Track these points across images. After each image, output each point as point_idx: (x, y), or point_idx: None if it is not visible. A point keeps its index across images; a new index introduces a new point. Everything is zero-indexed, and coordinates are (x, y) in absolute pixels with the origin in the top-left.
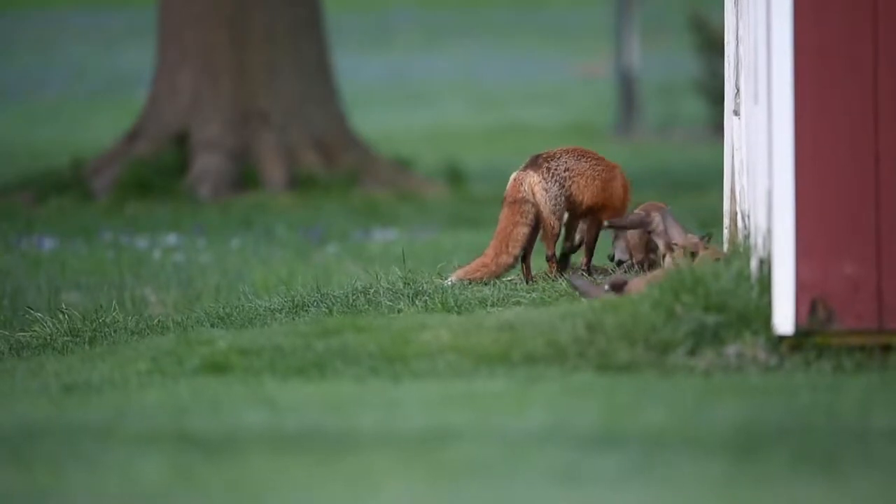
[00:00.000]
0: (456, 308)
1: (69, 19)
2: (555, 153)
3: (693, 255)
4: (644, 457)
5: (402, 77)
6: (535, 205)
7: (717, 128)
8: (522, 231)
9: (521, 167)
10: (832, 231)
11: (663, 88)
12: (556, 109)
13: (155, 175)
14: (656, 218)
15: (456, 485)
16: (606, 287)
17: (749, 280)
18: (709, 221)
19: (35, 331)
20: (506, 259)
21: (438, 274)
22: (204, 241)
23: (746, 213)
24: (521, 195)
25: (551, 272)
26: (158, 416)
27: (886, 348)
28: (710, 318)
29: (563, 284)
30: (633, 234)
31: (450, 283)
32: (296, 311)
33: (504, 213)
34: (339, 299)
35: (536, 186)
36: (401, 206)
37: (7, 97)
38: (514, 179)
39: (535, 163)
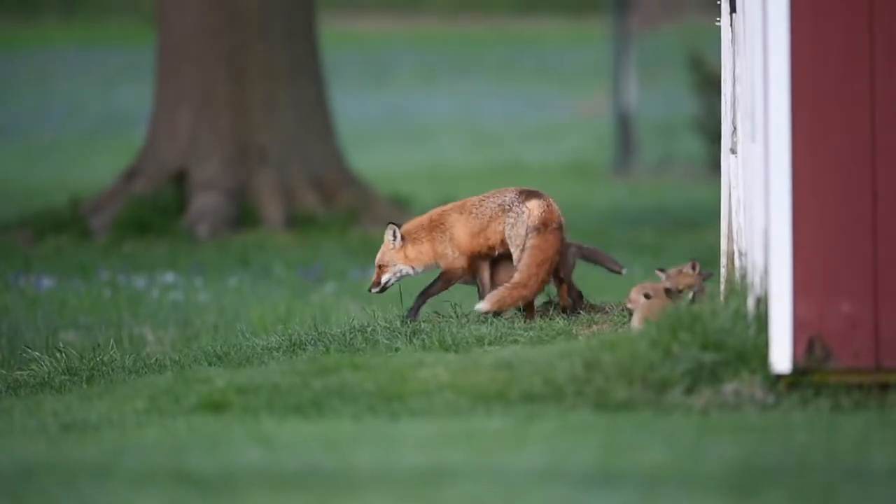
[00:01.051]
0: (453, 346)
1: (67, 58)
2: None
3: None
4: (642, 495)
5: (400, 115)
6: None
7: (715, 166)
8: (556, 259)
9: (534, 196)
10: (829, 269)
11: (661, 127)
12: (554, 148)
13: (153, 214)
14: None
15: None
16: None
17: (746, 318)
18: (706, 260)
19: (33, 370)
20: (540, 288)
21: (437, 312)
22: (202, 279)
23: (743, 251)
24: (561, 222)
25: (566, 301)
26: (156, 455)
27: (884, 386)
28: (708, 357)
29: (561, 322)
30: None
31: (483, 310)
32: (293, 350)
33: (548, 241)
34: (336, 338)
35: (561, 215)
36: None
37: (5, 135)
38: (549, 206)
39: (540, 194)
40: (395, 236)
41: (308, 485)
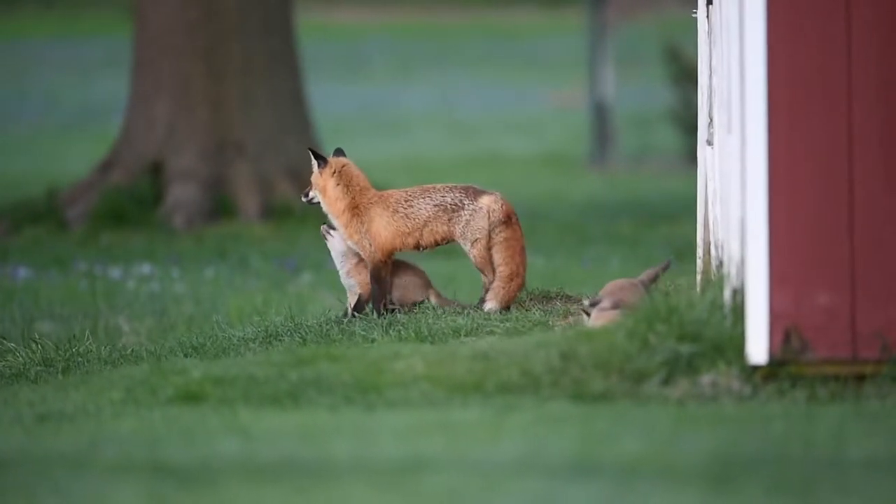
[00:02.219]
0: (429, 337)
1: (44, 49)
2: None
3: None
4: (619, 486)
5: (377, 107)
6: None
7: (691, 158)
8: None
9: (484, 192)
10: (806, 260)
11: (637, 119)
12: (531, 139)
13: (129, 205)
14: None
15: None
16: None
17: (723, 309)
18: (683, 251)
19: (8, 360)
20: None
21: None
22: (178, 270)
23: (720, 242)
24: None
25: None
26: (132, 446)
27: (861, 378)
28: (685, 348)
29: (537, 314)
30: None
31: (494, 310)
32: (270, 341)
33: (517, 232)
34: (313, 329)
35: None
36: None
37: None
38: (504, 201)
39: (483, 190)
40: (318, 165)
41: (285, 475)
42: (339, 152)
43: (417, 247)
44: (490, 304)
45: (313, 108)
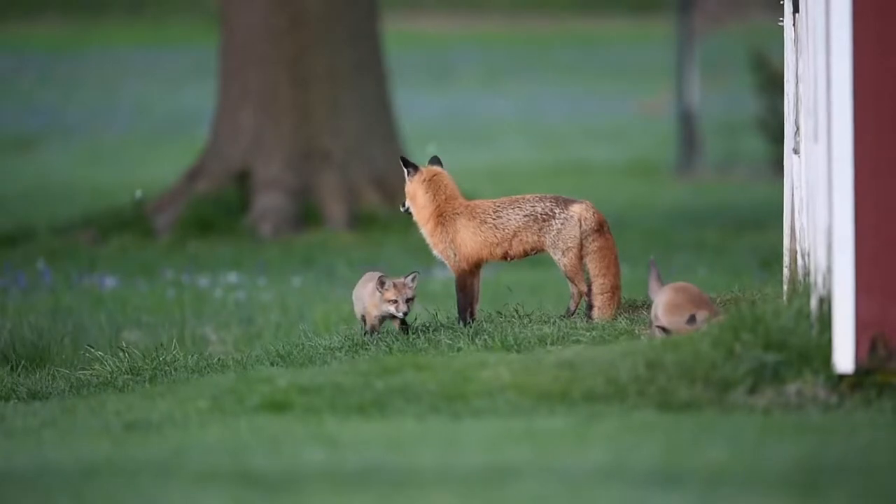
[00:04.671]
0: (515, 346)
1: (132, 58)
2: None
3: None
4: (704, 495)
5: (463, 115)
6: None
7: (777, 166)
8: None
9: (574, 201)
10: (892, 268)
11: (724, 126)
12: (617, 147)
13: (216, 213)
14: None
15: None
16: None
17: (809, 318)
18: (769, 260)
19: (96, 369)
20: None
21: (499, 312)
22: (265, 279)
23: (806, 251)
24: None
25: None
26: (218, 455)
27: None
28: (770, 357)
29: (623, 322)
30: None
31: (596, 321)
32: (356, 350)
33: (610, 240)
34: (399, 338)
35: None
36: None
37: (71, 135)
38: (594, 209)
39: (572, 199)
40: (408, 173)
41: (371, 484)
42: (434, 160)
43: (505, 257)
44: (597, 316)
45: (399, 116)
